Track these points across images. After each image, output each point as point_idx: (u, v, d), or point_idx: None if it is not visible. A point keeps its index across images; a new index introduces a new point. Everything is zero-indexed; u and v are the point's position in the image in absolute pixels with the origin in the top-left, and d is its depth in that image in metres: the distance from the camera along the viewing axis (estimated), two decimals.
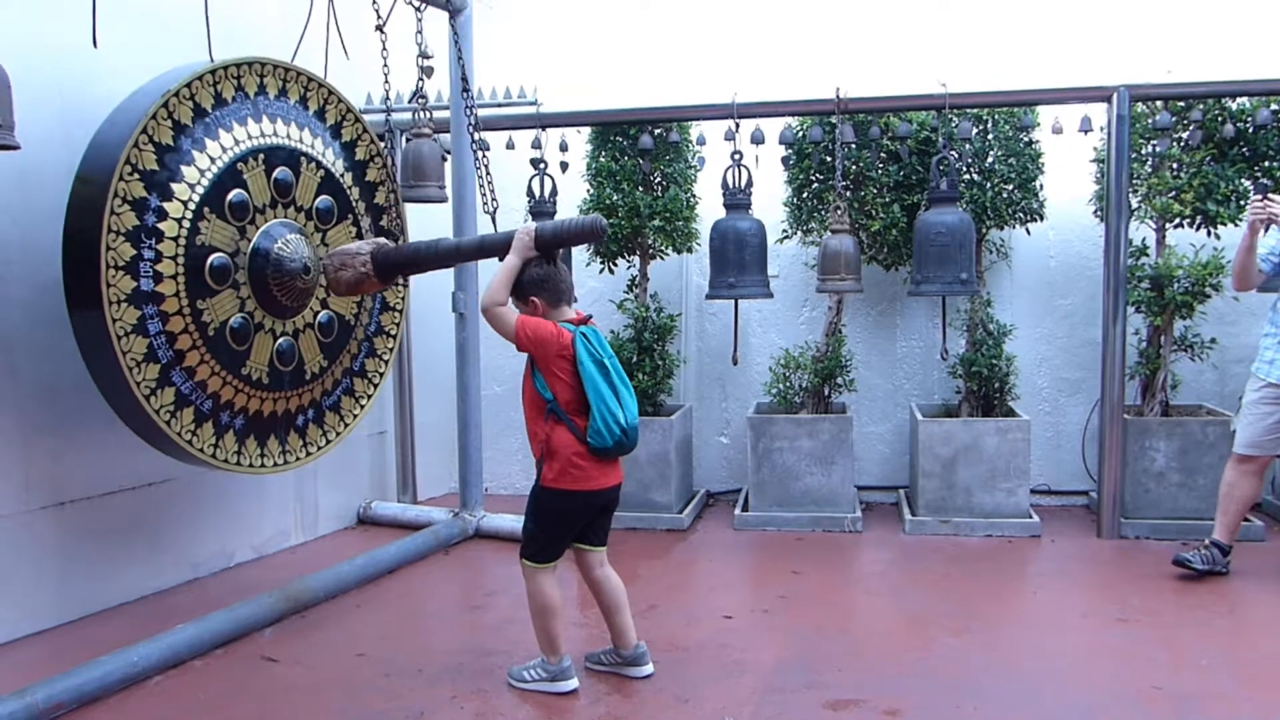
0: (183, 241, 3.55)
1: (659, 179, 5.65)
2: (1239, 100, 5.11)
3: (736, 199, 5.22)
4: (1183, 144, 5.20)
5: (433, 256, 3.98)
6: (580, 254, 5.76)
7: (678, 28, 6.18)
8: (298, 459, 4.16)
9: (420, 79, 4.53)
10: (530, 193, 5.40)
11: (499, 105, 5.47)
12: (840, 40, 5.93)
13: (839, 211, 5.15)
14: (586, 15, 6.31)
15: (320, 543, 5.25)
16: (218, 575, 4.62)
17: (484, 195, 4.24)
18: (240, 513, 4.80)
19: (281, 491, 5.05)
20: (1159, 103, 5.14)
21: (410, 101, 4.65)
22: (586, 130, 5.67)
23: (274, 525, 5.03)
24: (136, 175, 3.39)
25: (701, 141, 5.53)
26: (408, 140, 5.03)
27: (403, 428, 5.83)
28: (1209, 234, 5.24)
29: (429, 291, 5.57)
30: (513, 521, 5.19)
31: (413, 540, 4.88)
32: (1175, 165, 5.25)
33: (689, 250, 5.79)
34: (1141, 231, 5.40)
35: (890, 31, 5.94)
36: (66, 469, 3.95)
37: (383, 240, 3.97)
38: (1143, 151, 5.31)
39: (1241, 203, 5.14)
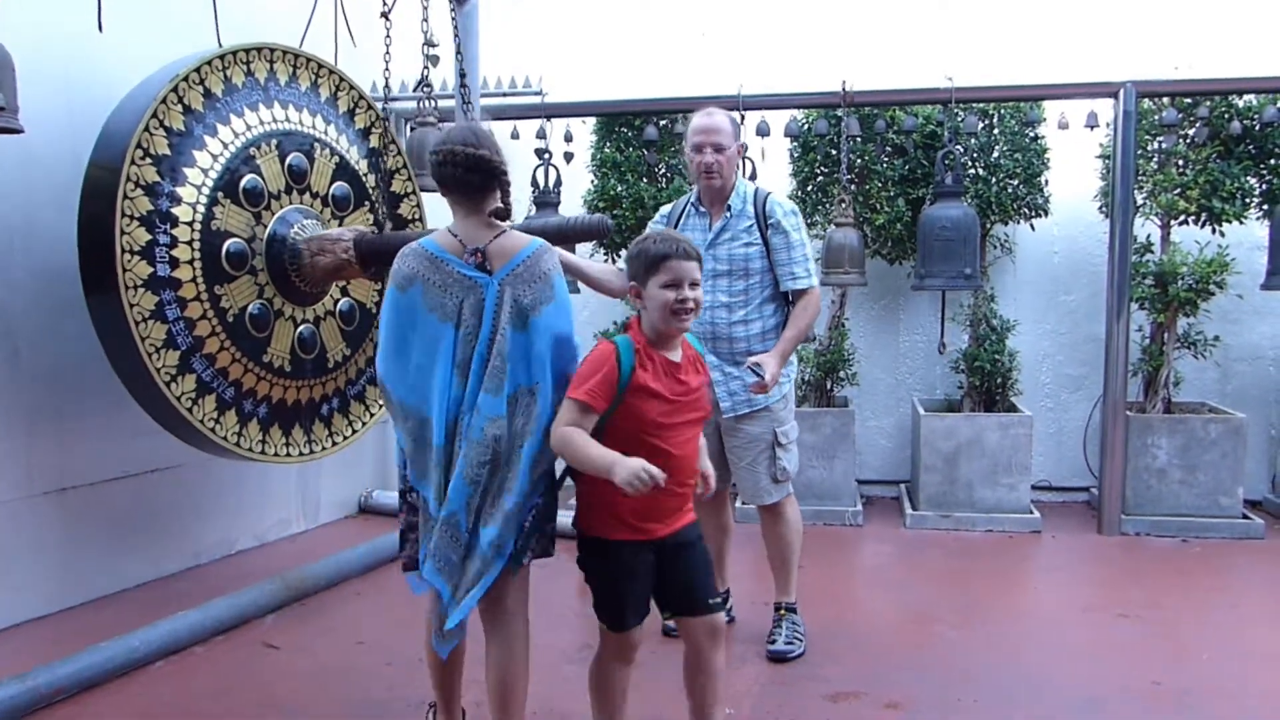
0: (198, 227, 3.54)
1: (664, 170, 5.63)
2: (1246, 97, 5.11)
3: None
4: (1189, 141, 5.19)
5: None
6: (584, 245, 5.74)
7: (683, 19, 6.16)
8: (323, 448, 4.15)
9: (425, 67, 4.52)
10: (535, 183, 5.38)
11: (504, 95, 5.46)
12: (846, 33, 5.90)
13: (843, 204, 5.14)
14: (592, 5, 6.29)
15: (322, 531, 5.26)
16: (219, 562, 4.63)
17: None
18: (243, 500, 4.80)
19: (284, 480, 5.05)
20: (1165, 99, 5.13)
21: (415, 90, 4.64)
22: (591, 121, 5.66)
23: (276, 513, 5.03)
24: (149, 160, 3.39)
25: None
26: (412, 129, 5.03)
27: None
28: (1214, 231, 5.23)
29: None
30: None
31: None
32: (1181, 162, 5.24)
33: None
34: (1146, 228, 5.39)
35: (896, 25, 5.92)
36: (69, 454, 3.95)
37: (363, 229, 3.98)
38: (1149, 148, 5.30)
39: (1247, 200, 5.14)
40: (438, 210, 5.07)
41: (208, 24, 3.76)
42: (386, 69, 4.01)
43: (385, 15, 3.88)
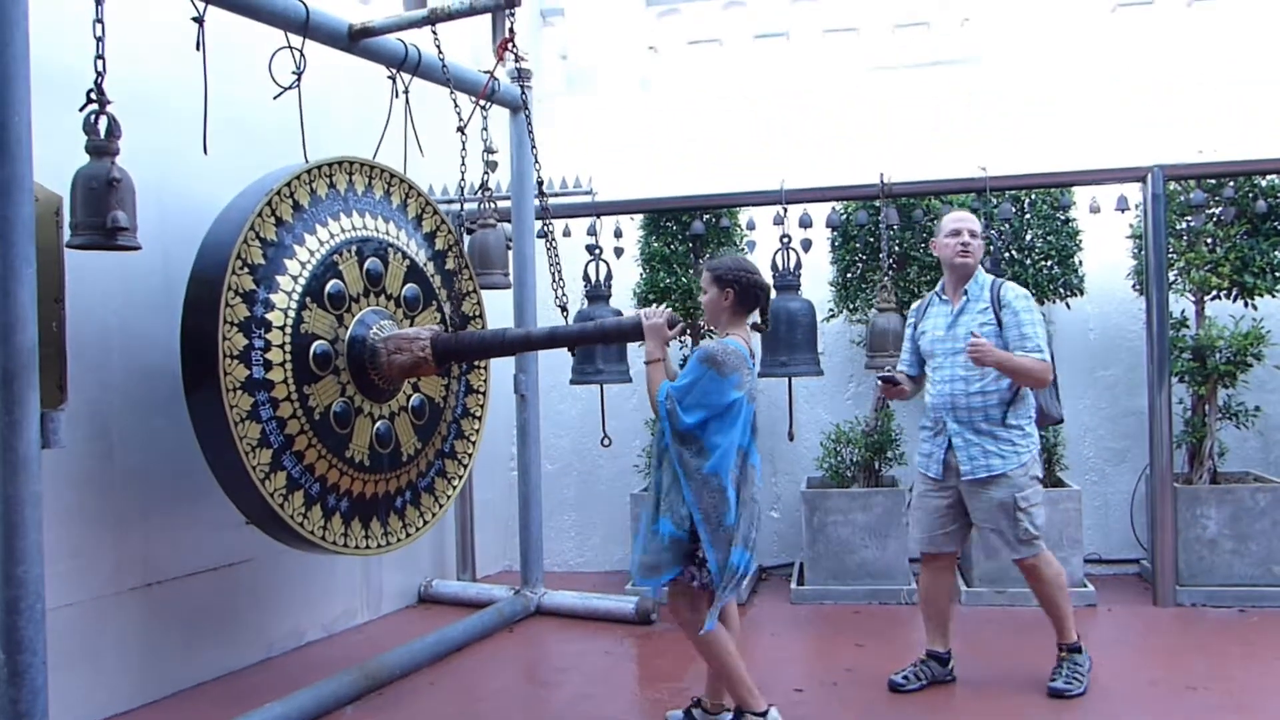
0: (289, 331, 3.75)
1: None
2: (1269, 177, 5.30)
3: (787, 280, 5.39)
4: (1216, 220, 5.38)
5: (499, 345, 4.18)
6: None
7: (727, 118, 6.46)
8: (398, 539, 4.29)
9: (486, 172, 4.78)
10: (586, 277, 5.60)
11: (556, 195, 5.70)
12: (883, 128, 6.18)
13: (885, 291, 5.32)
14: (640, 108, 6.63)
15: (385, 621, 5.34)
16: (290, 654, 4.71)
17: (555, 288, 4.37)
18: (311, 592, 4.91)
19: (349, 571, 5.16)
20: (1192, 181, 5.34)
21: (476, 193, 4.89)
22: (639, 217, 5.90)
23: (342, 604, 5.13)
24: (246, 269, 3.61)
25: (751, 226, 5.75)
26: (468, 230, 5.27)
27: (463, 507, 5.95)
28: (1246, 305, 5.38)
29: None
30: (574, 598, 5.28)
31: (479, 618, 4.96)
32: (1210, 240, 5.42)
33: None
34: (1180, 304, 5.54)
35: (931, 119, 6.19)
36: (155, 551, 4.09)
37: (438, 328, 4.19)
38: (1177, 227, 5.49)
39: (1277, 274, 5.30)
40: (495, 308, 5.31)
41: (279, 140, 4.01)
42: (463, 179, 4.27)
43: (461, 130, 4.15)
